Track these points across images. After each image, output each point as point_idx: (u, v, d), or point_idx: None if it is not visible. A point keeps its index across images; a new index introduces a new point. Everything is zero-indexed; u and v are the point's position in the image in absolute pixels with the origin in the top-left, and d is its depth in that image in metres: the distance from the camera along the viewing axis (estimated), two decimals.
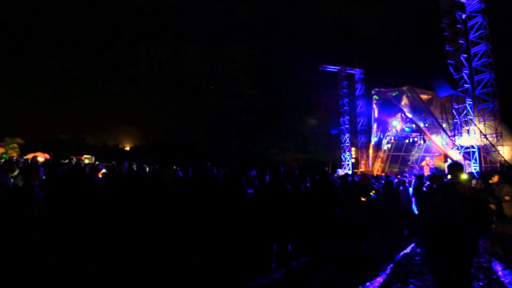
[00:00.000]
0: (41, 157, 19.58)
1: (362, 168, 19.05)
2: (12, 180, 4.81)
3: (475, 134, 13.51)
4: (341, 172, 18.23)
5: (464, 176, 7.54)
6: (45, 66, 31.59)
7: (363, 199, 6.73)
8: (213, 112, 32.89)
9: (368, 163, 19.14)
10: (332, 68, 20.28)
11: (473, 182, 7.07)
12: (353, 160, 20.31)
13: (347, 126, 20.61)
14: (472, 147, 13.27)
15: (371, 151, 19.18)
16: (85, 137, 32.56)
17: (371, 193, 7.51)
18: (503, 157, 13.06)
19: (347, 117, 20.57)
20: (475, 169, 12.95)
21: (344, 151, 20.70)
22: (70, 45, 33.28)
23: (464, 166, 12.57)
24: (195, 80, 38.48)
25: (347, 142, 20.58)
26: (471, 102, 13.54)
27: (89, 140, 32.38)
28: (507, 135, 13.97)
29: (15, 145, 29.72)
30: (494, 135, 13.35)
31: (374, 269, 4.47)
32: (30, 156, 20.62)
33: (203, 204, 3.69)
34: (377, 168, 18.29)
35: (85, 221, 3.57)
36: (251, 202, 4.10)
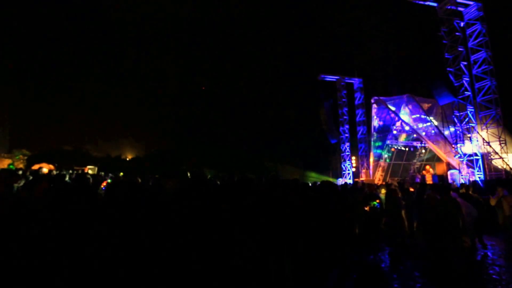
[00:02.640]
0: (46, 168, 19.96)
1: (363, 177, 18.67)
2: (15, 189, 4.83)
3: (478, 141, 13.20)
4: (341, 181, 17.92)
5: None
6: (50, 79, 32.49)
7: (366, 209, 6.51)
8: (211, 123, 33.11)
9: (369, 172, 18.78)
10: (330, 77, 20.32)
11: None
12: (353, 169, 19.96)
13: (347, 135, 20.41)
14: (475, 154, 12.93)
15: (371, 160, 18.85)
16: (88, 148, 32.98)
17: (375, 203, 7.26)
18: (508, 165, 12.66)
19: (347, 126, 20.40)
20: (479, 177, 12.55)
21: (345, 160, 20.41)
22: (74, 58, 34.36)
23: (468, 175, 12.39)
24: (196, 92, 39.06)
25: (347, 151, 20.34)
26: (472, 110, 13.31)
27: (93, 151, 32.77)
28: (511, 142, 13.61)
29: (22, 156, 30.30)
30: (498, 142, 13.01)
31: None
32: (36, 167, 21.00)
33: (204, 212, 3.64)
34: (378, 177, 17.92)
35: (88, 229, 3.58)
36: (255, 211, 3.99)
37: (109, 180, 9.26)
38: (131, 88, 39.15)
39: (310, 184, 7.71)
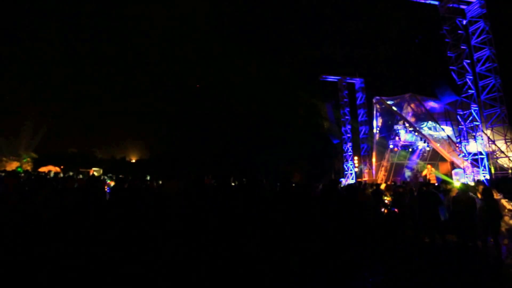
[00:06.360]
0: (53, 170, 20.40)
1: (366, 177, 18.52)
2: None
3: (483, 140, 12.98)
4: (344, 181, 17.80)
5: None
6: (54, 82, 33.06)
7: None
8: (212, 123, 33.21)
9: (372, 172, 18.62)
10: (332, 78, 20.28)
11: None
12: (356, 169, 19.80)
13: (349, 135, 20.29)
14: (480, 153, 12.70)
15: (374, 159, 18.70)
16: (94, 151, 33.41)
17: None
18: None
19: (349, 126, 20.29)
20: (484, 176, 12.32)
21: (347, 160, 20.25)
22: (78, 61, 34.94)
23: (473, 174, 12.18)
24: (198, 94, 39.29)
25: (350, 151, 20.19)
26: (476, 108, 13.10)
27: (98, 154, 33.19)
28: None
29: (29, 159, 30.84)
30: (503, 141, 12.78)
31: None
32: (43, 169, 21.39)
33: (205, 213, 3.67)
34: (381, 177, 17.73)
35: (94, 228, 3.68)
36: (261, 210, 3.99)
37: (108, 180, 9.43)
38: (135, 91, 39.64)
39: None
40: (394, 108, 17.40)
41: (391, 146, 18.19)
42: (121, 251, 3.67)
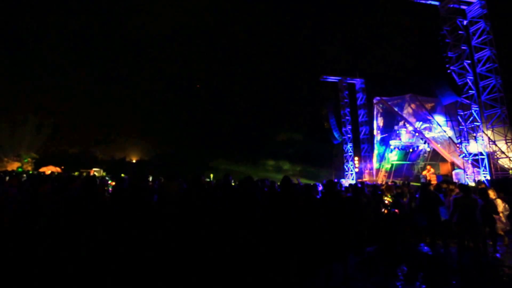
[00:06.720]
0: (53, 170, 20.54)
1: (366, 178, 18.51)
2: None
3: (483, 140, 12.97)
4: (345, 182, 17.77)
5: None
6: (55, 85, 33.14)
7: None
8: (212, 123, 33.24)
9: (372, 173, 18.62)
10: (332, 78, 20.29)
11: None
12: (356, 170, 19.80)
13: (349, 135, 20.30)
14: (481, 154, 12.69)
15: (374, 160, 18.70)
16: (94, 151, 33.46)
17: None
18: None
19: (349, 127, 20.29)
20: (484, 176, 12.31)
21: (347, 161, 20.28)
22: (79, 62, 35.00)
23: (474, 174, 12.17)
24: (200, 95, 39.28)
25: (350, 152, 20.21)
26: (477, 109, 13.10)
27: (98, 154, 33.24)
28: None
29: (30, 159, 30.92)
30: (504, 141, 12.77)
31: None
32: (44, 169, 21.49)
33: (205, 212, 3.68)
34: (381, 178, 17.73)
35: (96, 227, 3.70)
36: (261, 212, 3.99)
37: (109, 181, 9.48)
38: (136, 92, 39.69)
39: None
40: (394, 108, 17.40)
41: (391, 147, 18.18)
42: (121, 250, 3.67)
